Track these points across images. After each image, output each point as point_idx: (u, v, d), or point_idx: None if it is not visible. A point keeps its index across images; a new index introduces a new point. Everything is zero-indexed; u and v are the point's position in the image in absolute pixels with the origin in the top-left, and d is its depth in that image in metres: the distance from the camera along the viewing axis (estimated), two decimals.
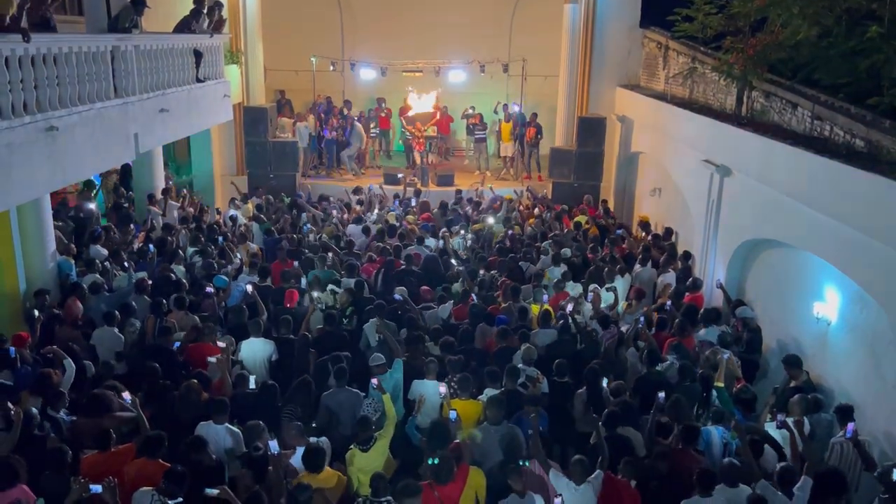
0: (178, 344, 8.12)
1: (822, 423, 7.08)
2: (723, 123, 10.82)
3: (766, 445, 6.67)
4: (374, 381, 7.04)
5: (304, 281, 10.36)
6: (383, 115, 20.05)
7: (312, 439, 6.39)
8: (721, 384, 7.44)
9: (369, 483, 5.82)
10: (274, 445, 5.99)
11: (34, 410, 6.61)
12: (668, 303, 10.04)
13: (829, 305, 8.49)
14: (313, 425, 7.19)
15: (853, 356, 7.99)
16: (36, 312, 8.54)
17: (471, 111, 19.38)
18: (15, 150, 7.19)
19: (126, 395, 6.74)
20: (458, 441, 6.52)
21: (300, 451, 6.34)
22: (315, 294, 9.52)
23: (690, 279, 10.87)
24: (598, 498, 6.03)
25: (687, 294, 10.45)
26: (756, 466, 6.31)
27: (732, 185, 10.64)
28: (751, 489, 5.84)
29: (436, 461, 5.94)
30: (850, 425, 6.47)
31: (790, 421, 6.55)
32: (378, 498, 5.68)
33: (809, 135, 9.11)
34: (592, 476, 6.05)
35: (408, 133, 19.33)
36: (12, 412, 6.37)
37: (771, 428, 6.93)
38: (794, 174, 8.59)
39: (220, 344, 7.95)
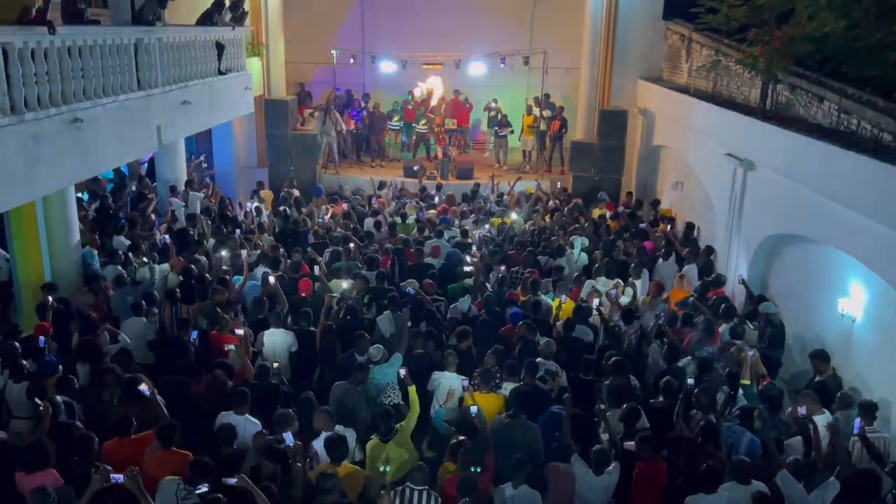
0: (195, 334, 8.15)
1: (851, 419, 6.97)
2: (747, 117, 10.68)
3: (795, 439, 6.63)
4: (402, 371, 7.10)
5: (316, 270, 10.41)
6: (410, 107, 19.57)
7: (339, 428, 6.42)
8: (747, 381, 7.37)
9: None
10: (289, 437, 6.02)
11: (59, 399, 6.70)
12: (691, 298, 9.93)
13: (854, 302, 8.38)
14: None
15: (880, 354, 7.88)
16: (50, 299, 8.65)
17: (494, 104, 19.29)
18: (40, 142, 7.29)
19: (143, 386, 6.76)
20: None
21: (323, 436, 6.37)
22: (344, 286, 9.54)
23: (713, 275, 10.77)
24: (633, 482, 6.13)
25: (710, 290, 10.34)
26: (780, 459, 6.27)
27: (756, 180, 10.52)
28: (765, 485, 5.79)
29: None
30: (857, 422, 6.44)
31: (822, 421, 6.47)
32: (404, 483, 5.85)
33: (836, 129, 8.97)
34: (611, 467, 6.14)
35: (422, 126, 19.23)
36: (41, 407, 6.46)
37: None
38: (819, 169, 8.46)
39: (238, 331, 8.00)
